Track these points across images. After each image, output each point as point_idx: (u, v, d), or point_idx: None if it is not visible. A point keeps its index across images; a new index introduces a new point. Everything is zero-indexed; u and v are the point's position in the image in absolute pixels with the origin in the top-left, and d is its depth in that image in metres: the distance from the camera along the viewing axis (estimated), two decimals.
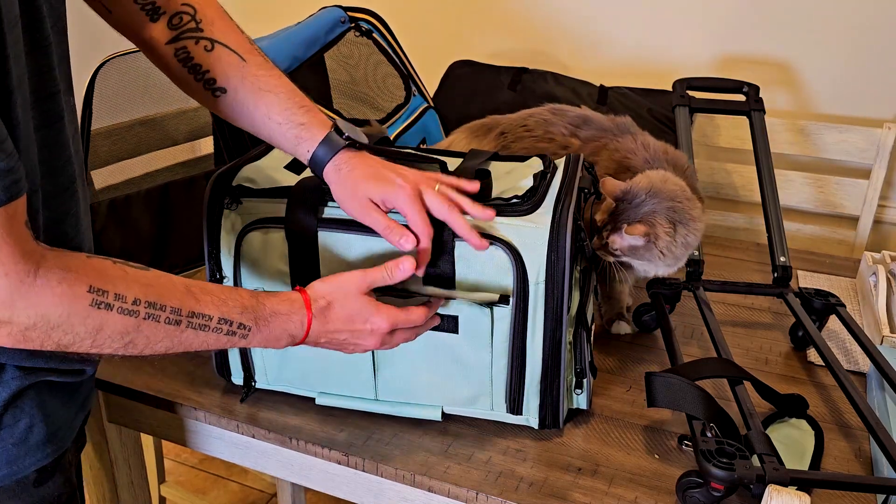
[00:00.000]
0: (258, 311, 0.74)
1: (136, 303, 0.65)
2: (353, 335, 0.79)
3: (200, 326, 0.70)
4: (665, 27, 1.81)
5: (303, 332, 0.77)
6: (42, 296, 0.60)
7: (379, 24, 1.48)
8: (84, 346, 0.64)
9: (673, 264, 1.07)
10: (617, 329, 1.16)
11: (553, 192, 0.89)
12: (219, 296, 0.72)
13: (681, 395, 0.87)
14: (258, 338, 0.74)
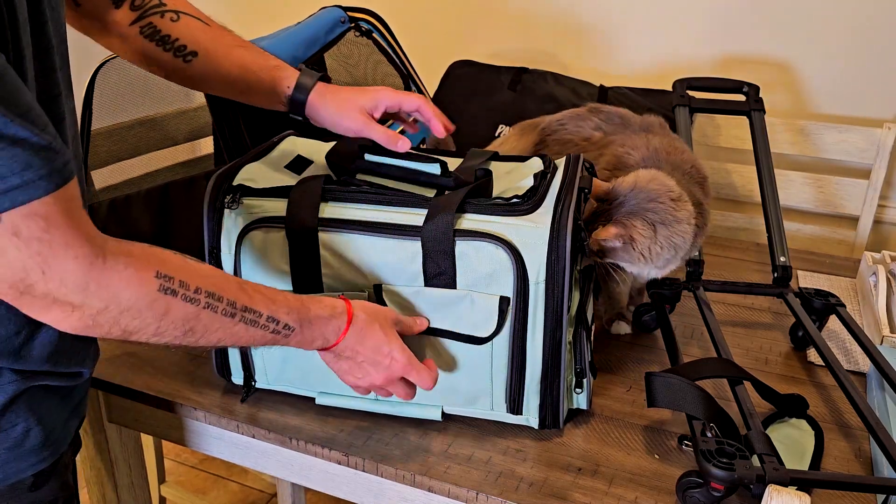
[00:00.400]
0: (302, 313, 0.76)
1: (197, 291, 0.66)
2: (371, 362, 0.81)
3: (252, 322, 0.71)
4: (665, 27, 1.81)
5: (336, 339, 0.79)
6: (112, 278, 0.61)
7: (379, 24, 1.48)
8: (148, 331, 0.65)
9: (663, 266, 1.04)
10: (617, 329, 1.16)
11: (553, 192, 0.89)
12: (268, 295, 0.74)
13: (681, 395, 0.87)
14: (297, 339, 0.76)
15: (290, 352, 0.92)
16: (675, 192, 1.02)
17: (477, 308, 0.85)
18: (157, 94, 1.44)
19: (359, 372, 0.82)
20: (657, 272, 1.06)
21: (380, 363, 0.81)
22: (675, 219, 1.00)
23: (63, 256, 0.59)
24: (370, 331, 0.80)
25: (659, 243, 1.00)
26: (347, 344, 0.79)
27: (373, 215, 0.87)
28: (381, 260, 0.86)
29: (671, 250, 1.02)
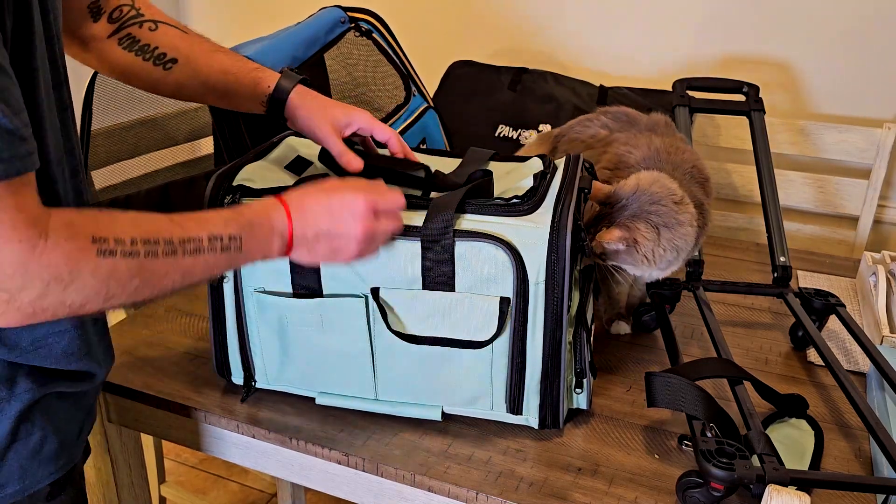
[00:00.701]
0: (240, 219, 0.73)
1: (133, 243, 0.65)
2: (334, 221, 0.78)
3: (195, 250, 0.69)
4: (665, 27, 1.81)
5: (286, 226, 0.76)
6: (53, 255, 0.60)
7: (379, 25, 1.48)
8: (97, 301, 0.64)
9: (665, 268, 1.04)
10: (616, 329, 1.16)
11: (553, 192, 0.89)
12: (199, 218, 0.72)
13: (681, 395, 0.87)
14: (251, 247, 0.74)
15: (290, 351, 0.93)
16: (678, 195, 1.02)
17: (476, 311, 0.85)
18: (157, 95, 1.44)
19: (339, 241, 0.79)
20: (659, 273, 1.06)
21: (341, 217, 0.78)
22: (678, 222, 1.00)
23: (6, 239, 0.58)
24: (308, 199, 0.78)
25: (662, 246, 1.00)
26: (299, 223, 0.77)
27: None
28: (380, 261, 0.86)
29: (673, 252, 1.01)
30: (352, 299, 0.88)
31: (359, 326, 0.89)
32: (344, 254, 0.80)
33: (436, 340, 0.87)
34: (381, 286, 0.87)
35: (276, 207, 0.76)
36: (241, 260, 0.74)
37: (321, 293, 0.89)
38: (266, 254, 0.76)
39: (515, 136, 1.61)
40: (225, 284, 0.94)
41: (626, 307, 1.19)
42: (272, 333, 0.93)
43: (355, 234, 0.79)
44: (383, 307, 0.87)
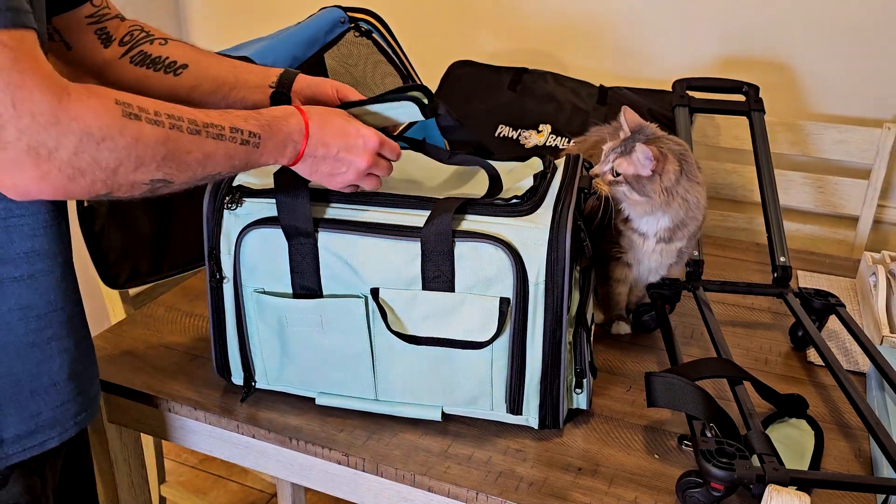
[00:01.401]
0: (260, 119, 0.77)
1: (157, 114, 0.68)
2: (346, 148, 0.82)
3: (218, 135, 0.73)
4: (665, 27, 1.81)
5: (302, 136, 0.80)
6: (80, 108, 0.62)
7: (379, 25, 1.48)
8: (129, 165, 0.66)
9: (662, 216, 1.03)
10: (617, 329, 1.16)
11: (553, 192, 0.89)
12: (222, 112, 0.75)
13: (681, 395, 0.87)
14: (268, 148, 0.77)
15: (290, 351, 0.93)
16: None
17: (476, 311, 0.85)
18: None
19: (342, 166, 0.83)
20: (655, 224, 1.05)
21: (355, 145, 0.82)
22: (695, 177, 1.03)
23: (33, 87, 0.60)
24: (329, 118, 0.82)
25: (682, 186, 1.01)
26: (315, 138, 0.80)
27: (372, 216, 0.87)
28: (379, 262, 0.86)
29: (683, 201, 1.02)
30: (351, 300, 0.88)
31: (359, 327, 0.89)
32: (339, 179, 0.84)
33: (436, 341, 0.87)
34: (381, 286, 0.87)
35: (297, 118, 0.80)
36: (257, 157, 0.77)
37: (321, 294, 0.89)
38: (277, 158, 0.80)
39: (515, 136, 1.61)
40: (225, 285, 0.94)
41: (627, 307, 1.19)
42: (272, 334, 0.93)
43: (358, 165, 0.83)
44: (383, 307, 0.87)
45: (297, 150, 0.80)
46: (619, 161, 1.02)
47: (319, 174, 0.84)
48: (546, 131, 1.59)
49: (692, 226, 1.07)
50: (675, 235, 1.06)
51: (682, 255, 1.12)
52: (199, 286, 1.26)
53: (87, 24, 0.91)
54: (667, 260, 1.10)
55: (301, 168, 0.82)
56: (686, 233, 1.07)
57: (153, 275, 1.44)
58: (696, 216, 1.06)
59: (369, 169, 0.84)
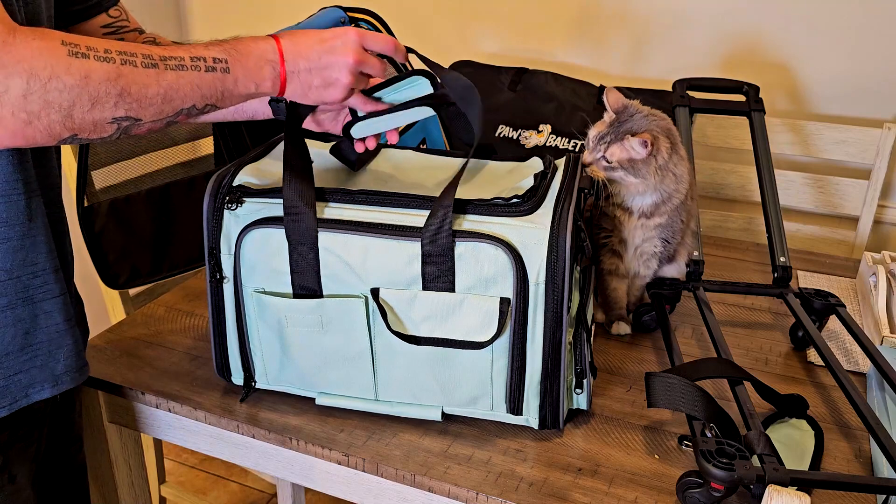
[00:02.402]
0: (224, 45, 0.76)
1: (107, 52, 0.68)
2: (327, 50, 0.80)
3: (178, 66, 0.71)
4: (665, 27, 1.81)
5: (276, 54, 0.78)
6: (23, 50, 0.63)
7: (379, 25, 1.48)
8: (83, 103, 0.66)
9: (653, 193, 1.06)
10: (617, 330, 1.16)
11: (553, 193, 0.89)
12: (183, 45, 0.75)
13: (681, 395, 0.87)
14: (240, 73, 0.76)
15: (289, 352, 0.93)
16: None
17: (476, 312, 0.85)
18: None
19: (331, 71, 0.81)
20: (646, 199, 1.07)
21: (333, 46, 0.80)
22: (682, 152, 1.07)
23: None
24: (299, 34, 0.80)
25: (673, 161, 1.04)
26: (291, 52, 0.79)
27: (372, 216, 0.87)
28: (380, 262, 0.86)
29: (674, 178, 1.06)
30: (351, 300, 0.88)
31: (359, 327, 0.89)
32: (337, 86, 0.82)
33: (436, 341, 0.87)
34: (381, 287, 0.87)
35: (266, 39, 0.79)
36: (232, 85, 0.76)
37: (321, 294, 0.89)
38: (258, 82, 0.78)
39: (515, 136, 1.61)
40: (225, 285, 0.94)
41: (627, 307, 1.19)
42: (272, 334, 0.93)
43: (346, 61, 0.81)
44: (383, 308, 0.87)
45: (276, 71, 0.79)
46: (610, 150, 1.04)
47: (314, 90, 0.82)
48: (546, 131, 1.59)
49: (675, 199, 1.09)
50: (656, 211, 1.09)
51: (662, 232, 1.12)
52: (199, 286, 1.26)
53: (103, 36, 0.90)
54: (648, 234, 1.11)
55: (292, 91, 0.81)
56: (667, 208, 1.09)
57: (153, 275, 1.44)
58: (680, 190, 1.08)
59: (360, 65, 0.82)
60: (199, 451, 1.06)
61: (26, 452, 0.84)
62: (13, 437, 0.82)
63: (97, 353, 1.06)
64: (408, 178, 0.96)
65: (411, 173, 0.98)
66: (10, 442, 0.82)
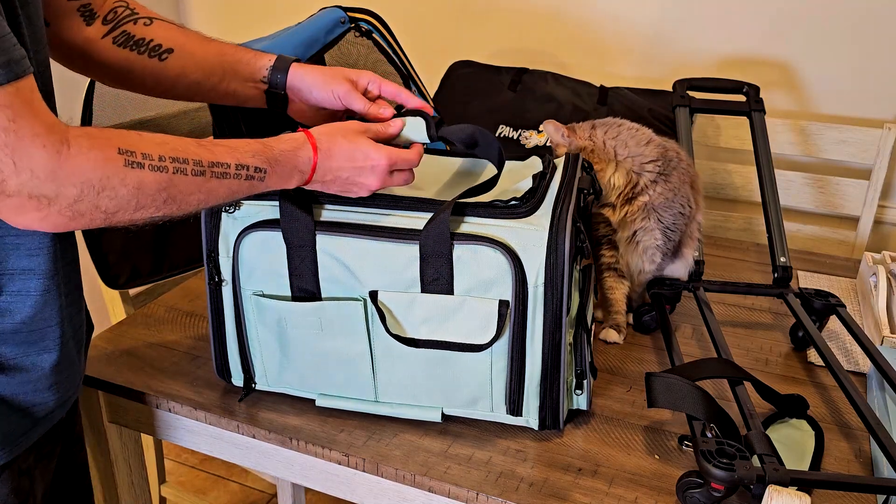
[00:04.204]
0: (268, 153, 0.77)
1: (162, 159, 0.68)
2: (355, 172, 0.82)
3: (222, 174, 0.73)
4: (665, 27, 1.81)
5: (310, 167, 0.80)
6: (79, 162, 0.63)
7: (379, 25, 1.48)
8: (129, 208, 0.67)
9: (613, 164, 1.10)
10: (605, 336, 1.13)
11: (552, 193, 0.89)
12: (229, 146, 0.75)
13: (681, 395, 0.87)
14: (273, 180, 0.78)
15: (289, 353, 0.93)
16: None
17: (475, 314, 0.85)
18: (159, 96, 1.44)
19: (354, 188, 0.83)
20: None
21: (363, 168, 0.82)
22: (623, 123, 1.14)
23: (31, 145, 0.61)
24: (336, 146, 0.81)
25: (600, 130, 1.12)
26: (323, 167, 0.81)
27: (370, 218, 0.87)
28: (378, 264, 0.86)
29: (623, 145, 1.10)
30: (350, 302, 0.88)
31: (358, 330, 0.89)
32: (352, 194, 0.85)
33: (435, 343, 0.87)
34: (380, 289, 0.87)
35: (305, 148, 0.80)
36: (261, 188, 0.78)
37: (320, 296, 0.89)
38: (284, 185, 0.80)
39: (516, 137, 1.61)
40: (224, 287, 0.93)
41: (628, 306, 1.18)
42: (271, 337, 0.92)
43: (369, 185, 0.84)
44: (382, 310, 0.87)
45: (304, 179, 0.81)
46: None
47: (332, 190, 0.84)
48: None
49: (647, 170, 1.10)
50: (634, 191, 1.10)
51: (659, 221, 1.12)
52: (199, 286, 1.26)
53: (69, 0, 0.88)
54: (641, 224, 1.11)
55: (311, 187, 0.83)
56: (644, 183, 1.10)
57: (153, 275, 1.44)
58: (645, 154, 1.11)
59: (382, 187, 0.84)
60: (200, 451, 1.06)
61: (47, 469, 0.85)
62: (38, 457, 0.83)
63: (97, 353, 1.06)
64: None
65: None
66: (35, 462, 0.82)
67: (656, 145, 1.13)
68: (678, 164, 1.13)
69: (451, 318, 0.86)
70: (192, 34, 0.94)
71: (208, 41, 0.95)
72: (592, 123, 1.14)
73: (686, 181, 1.14)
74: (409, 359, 0.89)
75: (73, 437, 0.94)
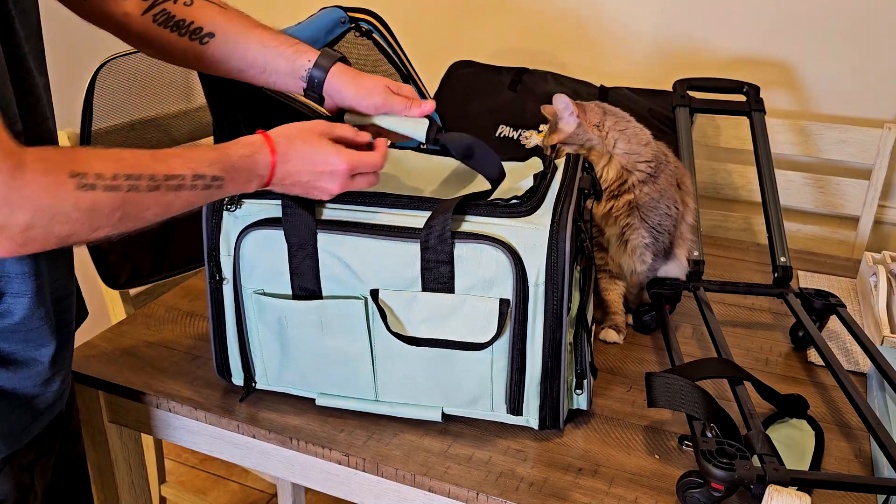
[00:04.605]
0: (225, 161, 0.75)
1: (115, 178, 0.67)
2: (314, 177, 0.81)
3: (178, 187, 0.71)
4: (665, 27, 1.81)
5: (268, 171, 0.79)
6: (33, 188, 0.62)
7: (379, 25, 1.48)
8: (83, 232, 0.66)
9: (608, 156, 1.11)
10: (604, 336, 1.14)
11: (553, 193, 0.89)
12: (185, 156, 0.73)
13: (681, 395, 0.87)
14: (231, 187, 0.77)
15: (289, 353, 0.93)
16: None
17: (476, 312, 0.85)
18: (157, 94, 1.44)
19: (314, 191, 0.82)
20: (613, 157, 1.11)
21: (323, 173, 0.81)
22: (626, 116, 1.16)
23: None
24: (294, 149, 0.80)
25: (610, 120, 1.12)
26: (282, 171, 0.79)
27: (371, 217, 0.87)
28: (379, 263, 0.86)
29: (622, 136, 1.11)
30: (351, 301, 0.88)
31: (358, 328, 0.89)
32: (313, 197, 0.84)
33: (435, 342, 0.87)
34: (381, 288, 0.87)
35: (263, 151, 0.79)
36: (220, 195, 0.77)
37: (320, 295, 0.89)
38: (242, 191, 0.79)
39: (516, 137, 1.61)
40: (224, 286, 0.94)
41: (627, 307, 1.18)
42: (272, 335, 0.93)
43: (330, 190, 0.82)
44: (383, 309, 0.87)
45: (263, 183, 0.80)
46: (550, 137, 1.13)
47: (293, 193, 0.83)
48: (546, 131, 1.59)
49: (640, 168, 1.11)
50: (623, 186, 1.11)
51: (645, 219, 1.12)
52: (199, 286, 1.26)
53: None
54: (625, 221, 1.12)
55: (272, 188, 0.82)
56: (634, 180, 1.11)
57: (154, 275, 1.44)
58: (643, 155, 1.12)
59: (344, 190, 0.83)
60: (200, 451, 1.06)
61: (47, 465, 0.85)
62: (38, 453, 0.83)
63: (97, 353, 1.06)
64: (407, 179, 0.96)
65: (410, 174, 0.98)
66: (36, 458, 0.82)
67: (652, 148, 1.14)
68: (666, 167, 1.14)
69: (451, 316, 0.86)
70: (234, 16, 0.93)
71: (250, 28, 0.93)
72: (604, 109, 1.14)
73: (673, 183, 1.14)
74: (410, 358, 0.89)
75: (70, 433, 0.94)
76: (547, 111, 1.18)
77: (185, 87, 1.48)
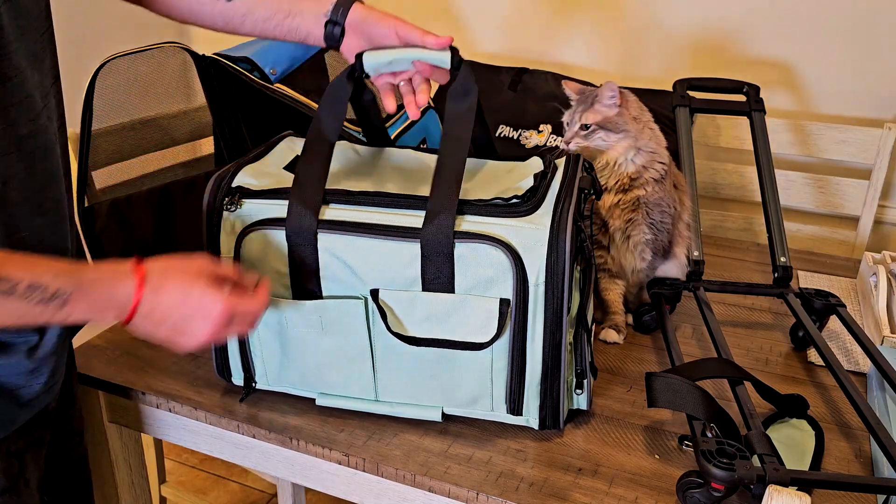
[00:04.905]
0: (76, 276, 0.66)
1: None
2: (184, 319, 0.73)
3: (6, 292, 0.62)
4: (665, 27, 1.81)
5: (131, 302, 0.70)
6: None
7: None
8: None
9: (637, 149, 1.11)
10: (605, 336, 1.14)
11: (553, 193, 0.89)
12: (29, 260, 0.65)
13: (681, 395, 0.87)
14: (80, 307, 0.67)
15: (289, 353, 0.93)
16: None
17: (476, 312, 0.85)
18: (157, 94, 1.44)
19: (180, 336, 0.73)
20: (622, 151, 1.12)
21: (194, 317, 0.72)
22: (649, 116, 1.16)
23: None
24: (168, 283, 0.71)
25: (646, 115, 1.14)
26: (147, 307, 0.70)
27: (371, 217, 0.87)
28: (379, 263, 0.86)
29: (651, 134, 1.13)
30: (351, 301, 0.88)
31: (358, 328, 0.89)
32: (179, 344, 0.75)
33: (435, 342, 0.87)
34: (381, 288, 0.87)
35: (128, 281, 0.70)
36: (62, 317, 0.66)
37: (321, 295, 0.89)
38: (97, 320, 0.70)
39: (516, 136, 1.61)
40: None
41: (627, 307, 1.18)
42: (272, 335, 0.93)
43: (198, 336, 0.74)
44: (383, 309, 0.87)
45: (123, 315, 0.70)
46: (585, 115, 1.12)
47: (157, 336, 0.74)
48: (547, 131, 1.59)
49: (656, 166, 1.12)
50: (637, 180, 1.12)
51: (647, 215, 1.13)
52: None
53: None
54: (629, 216, 1.12)
55: (134, 327, 0.72)
56: (647, 177, 1.12)
57: None
58: (659, 154, 1.13)
59: (216, 337, 0.75)
60: (200, 451, 1.06)
61: (38, 455, 0.85)
62: (28, 441, 0.83)
63: (97, 353, 1.06)
64: (407, 179, 0.96)
65: (411, 173, 0.98)
66: (25, 446, 0.82)
67: (665, 149, 1.15)
68: (670, 168, 1.15)
69: (452, 316, 0.86)
70: None
71: None
72: (641, 105, 1.16)
73: (671, 182, 1.15)
74: (410, 357, 0.89)
75: (71, 431, 0.94)
76: (569, 87, 1.19)
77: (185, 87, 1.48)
